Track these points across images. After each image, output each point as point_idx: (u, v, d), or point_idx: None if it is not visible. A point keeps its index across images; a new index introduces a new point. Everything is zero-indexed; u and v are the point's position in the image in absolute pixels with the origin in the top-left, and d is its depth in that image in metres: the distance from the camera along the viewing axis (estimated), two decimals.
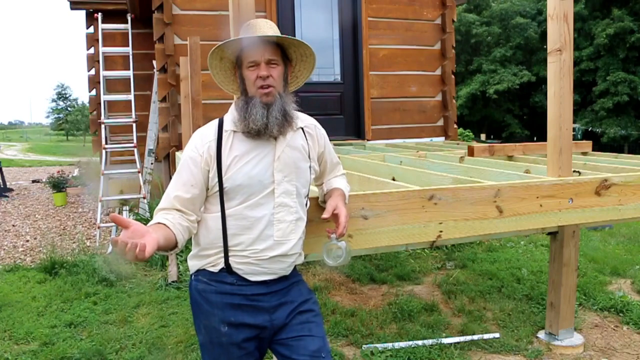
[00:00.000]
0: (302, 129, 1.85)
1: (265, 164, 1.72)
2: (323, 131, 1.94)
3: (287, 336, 1.80)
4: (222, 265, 1.75)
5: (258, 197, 1.71)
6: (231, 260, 1.74)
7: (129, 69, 7.01)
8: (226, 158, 1.71)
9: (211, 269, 1.77)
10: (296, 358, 1.77)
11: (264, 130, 1.69)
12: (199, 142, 1.73)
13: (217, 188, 1.71)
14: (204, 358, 1.84)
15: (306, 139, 1.85)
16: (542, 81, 30.69)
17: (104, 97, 6.98)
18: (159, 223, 1.63)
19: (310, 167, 1.84)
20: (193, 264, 1.83)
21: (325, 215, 1.79)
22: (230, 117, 1.78)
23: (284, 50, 1.78)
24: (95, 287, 4.61)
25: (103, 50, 7.07)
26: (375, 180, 2.86)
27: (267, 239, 1.72)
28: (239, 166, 1.70)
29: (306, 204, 1.86)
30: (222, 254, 1.74)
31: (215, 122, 1.79)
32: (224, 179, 1.70)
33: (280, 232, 1.74)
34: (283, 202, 1.74)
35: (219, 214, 1.72)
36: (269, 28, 1.76)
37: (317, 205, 2.06)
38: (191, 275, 1.85)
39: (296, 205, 1.77)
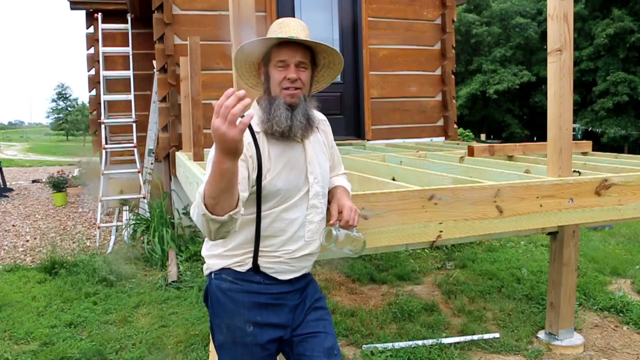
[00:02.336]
0: (317, 126, 1.84)
1: (300, 167, 1.73)
2: (329, 124, 1.96)
3: (302, 332, 1.80)
4: (250, 265, 1.73)
5: (294, 200, 1.71)
6: (260, 260, 1.72)
7: (129, 69, 7.01)
8: (266, 162, 1.67)
9: (237, 268, 1.74)
10: (310, 354, 1.77)
11: (288, 132, 1.67)
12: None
13: (253, 190, 1.67)
14: (222, 358, 1.81)
15: (321, 137, 1.86)
16: (542, 81, 30.69)
17: (104, 97, 6.98)
18: None
19: (329, 165, 1.87)
20: (215, 263, 1.78)
21: (333, 221, 1.79)
22: (256, 117, 1.72)
23: (313, 55, 1.77)
24: (95, 287, 4.61)
25: (103, 50, 7.07)
26: (375, 180, 2.86)
27: (299, 240, 1.74)
28: (278, 170, 1.68)
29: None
30: (252, 255, 1.72)
31: None
32: (263, 183, 1.66)
33: (310, 232, 1.76)
34: (314, 204, 1.76)
35: (254, 216, 1.69)
36: (302, 30, 1.73)
37: None
38: (210, 274, 1.80)
39: (322, 205, 1.80)
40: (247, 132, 1.67)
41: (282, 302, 1.77)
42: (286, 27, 1.72)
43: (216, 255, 1.78)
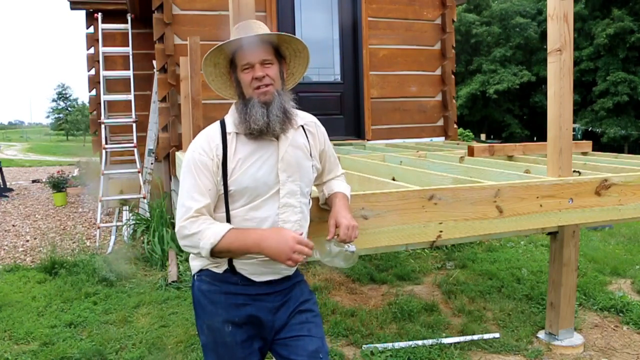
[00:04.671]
0: (303, 126, 1.84)
1: (270, 165, 1.72)
2: (323, 129, 1.93)
3: (285, 336, 1.80)
4: (226, 266, 1.74)
5: (263, 198, 1.71)
6: (235, 261, 1.73)
7: (129, 69, 7.01)
8: (231, 161, 1.69)
9: (215, 270, 1.76)
10: (294, 358, 1.77)
11: (265, 129, 1.68)
12: (207, 146, 1.70)
13: (222, 191, 1.70)
14: (207, 358, 1.83)
15: (307, 137, 1.84)
16: (542, 81, 30.70)
17: (104, 97, 6.98)
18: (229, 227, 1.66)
19: (312, 165, 1.84)
20: (195, 264, 1.82)
21: (330, 236, 1.78)
22: (232, 119, 1.76)
23: (277, 49, 1.77)
24: (95, 287, 4.61)
25: (103, 50, 7.07)
26: (375, 180, 2.86)
27: None
28: (244, 168, 1.69)
29: (309, 203, 1.86)
30: None
31: (217, 124, 1.77)
32: (229, 181, 1.69)
33: None
34: (288, 203, 1.74)
35: (224, 214, 1.71)
36: (259, 28, 1.74)
37: (317, 206, 2.06)
38: (193, 276, 1.84)
39: (300, 205, 1.78)
40: (218, 134, 1.73)
41: (261, 303, 1.77)
42: (242, 31, 1.73)
43: (197, 257, 1.80)
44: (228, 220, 1.71)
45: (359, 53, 6.24)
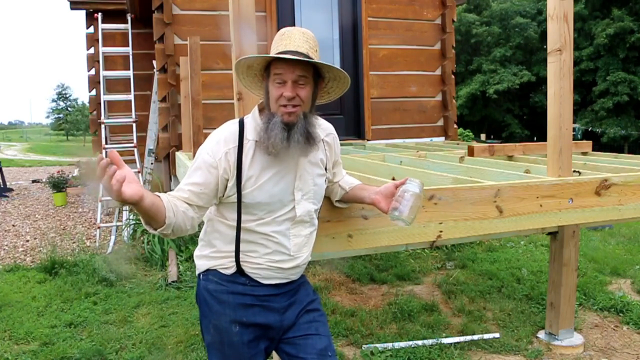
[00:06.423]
0: (322, 140, 1.78)
1: (287, 182, 1.69)
2: (337, 138, 1.90)
3: (294, 335, 1.81)
4: (234, 269, 1.74)
5: (276, 215, 1.69)
6: (244, 265, 1.73)
7: (129, 69, 7.02)
8: (247, 170, 1.64)
9: (223, 271, 1.75)
10: (303, 356, 1.77)
11: (284, 155, 1.63)
12: (216, 148, 1.64)
13: (234, 199, 1.66)
14: (211, 358, 1.83)
15: (325, 151, 1.81)
16: (542, 81, 30.69)
17: (104, 97, 6.99)
18: (155, 194, 1.53)
19: (325, 179, 1.83)
20: (202, 264, 1.80)
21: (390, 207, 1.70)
22: (253, 125, 1.69)
23: (318, 68, 1.68)
24: (95, 287, 4.61)
25: (103, 50, 7.08)
26: (375, 181, 2.85)
27: (283, 253, 1.73)
28: (260, 182, 1.65)
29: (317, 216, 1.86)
30: (235, 260, 1.73)
31: (236, 126, 1.69)
32: (243, 193, 1.65)
33: (296, 247, 1.74)
34: (302, 220, 1.74)
35: (235, 223, 1.70)
36: (305, 42, 1.64)
37: (325, 207, 2.05)
38: (199, 275, 1.82)
39: (311, 219, 1.78)
40: (234, 137, 1.66)
41: (268, 303, 1.77)
42: (287, 40, 1.63)
43: (204, 257, 1.80)
44: (238, 230, 1.70)
45: (359, 53, 6.24)
